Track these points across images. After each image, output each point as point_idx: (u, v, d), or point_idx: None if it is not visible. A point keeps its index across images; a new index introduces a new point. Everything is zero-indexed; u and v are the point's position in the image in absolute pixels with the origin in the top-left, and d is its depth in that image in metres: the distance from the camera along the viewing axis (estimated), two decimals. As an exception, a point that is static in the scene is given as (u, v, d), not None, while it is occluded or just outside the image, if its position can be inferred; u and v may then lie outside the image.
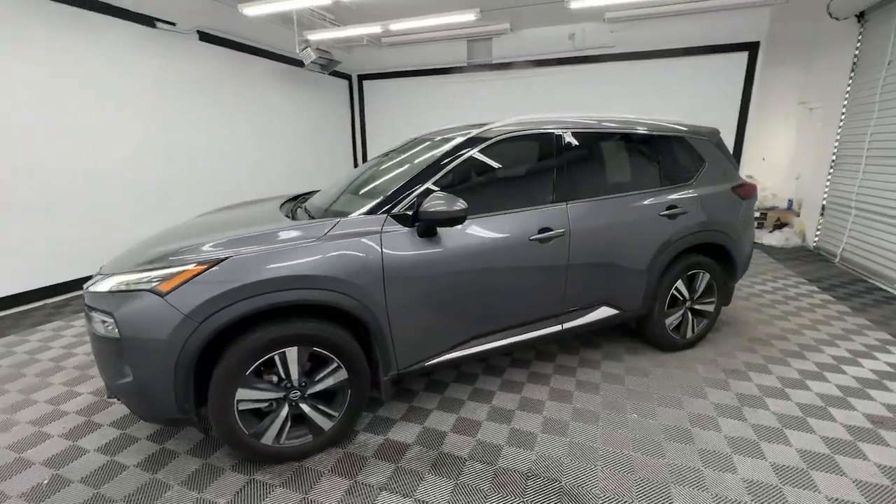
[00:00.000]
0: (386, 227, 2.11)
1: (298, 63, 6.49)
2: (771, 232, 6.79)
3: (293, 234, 1.99)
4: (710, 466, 2.03)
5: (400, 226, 2.14)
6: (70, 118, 4.27)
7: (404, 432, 2.31)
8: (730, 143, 6.71)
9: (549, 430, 2.30)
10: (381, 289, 2.06)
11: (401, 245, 2.11)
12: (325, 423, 2.11)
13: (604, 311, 2.76)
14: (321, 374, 2.05)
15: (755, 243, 6.61)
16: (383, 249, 2.06)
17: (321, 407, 2.10)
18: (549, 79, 7.51)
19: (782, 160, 7.36)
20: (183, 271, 1.80)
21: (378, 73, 8.62)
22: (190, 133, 5.51)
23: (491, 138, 2.42)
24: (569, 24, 7.11)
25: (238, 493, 1.91)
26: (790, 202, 7.03)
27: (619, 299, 2.79)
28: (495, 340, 2.46)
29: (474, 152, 2.37)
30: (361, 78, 8.80)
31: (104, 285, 1.87)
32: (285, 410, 2.02)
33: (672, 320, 3.02)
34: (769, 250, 6.28)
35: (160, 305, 1.76)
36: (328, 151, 8.33)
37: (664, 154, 2.92)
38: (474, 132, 2.45)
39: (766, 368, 2.89)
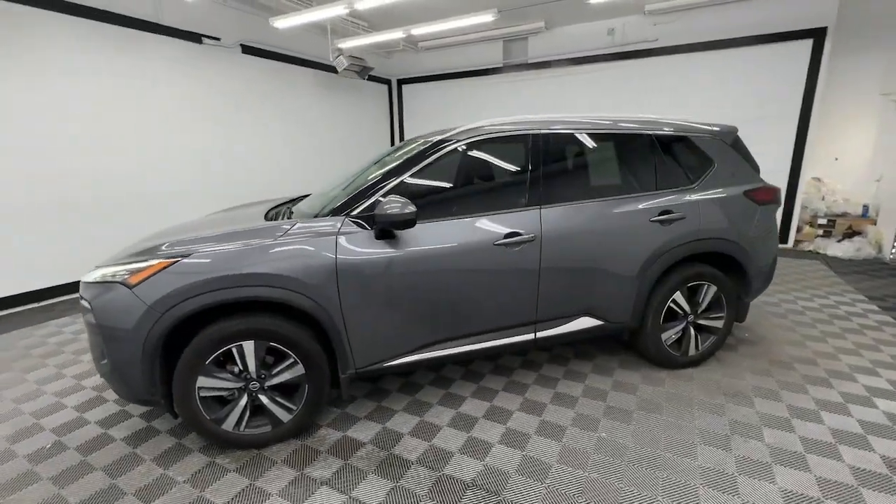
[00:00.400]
0: (343, 228, 2.17)
1: (336, 70, 6.79)
2: (839, 241, 5.99)
3: (253, 234, 2.11)
4: (671, 497, 1.85)
5: (358, 228, 2.19)
6: (129, 131, 4.81)
7: (364, 430, 2.35)
8: (790, 140, 6.03)
9: (507, 442, 2.23)
10: (335, 289, 2.12)
11: (357, 247, 2.15)
12: (284, 416, 2.21)
13: (585, 322, 2.62)
14: (278, 368, 2.16)
15: (815, 253, 5.90)
16: (338, 251, 2.12)
17: (279, 399, 2.20)
18: (587, 77, 7.21)
19: (859, 160, 6.47)
20: (149, 266, 1.98)
21: (416, 77, 8.78)
22: (232, 140, 5.98)
23: (459, 141, 2.40)
24: (607, 19, 6.79)
25: (196, 473, 2.06)
26: (865, 208, 6.16)
27: (603, 310, 2.63)
28: (461, 345, 2.42)
29: (440, 155, 2.36)
30: (401, 82, 9.02)
31: (92, 276, 2.11)
32: (244, 400, 2.15)
33: (670, 335, 2.79)
34: (832, 261, 5.56)
35: (128, 296, 1.95)
36: (366, 155, 8.61)
37: (661, 155, 2.71)
38: (439, 136, 2.44)
39: (776, 395, 2.58)
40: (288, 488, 1.95)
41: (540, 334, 2.54)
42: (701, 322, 2.84)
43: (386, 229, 2.16)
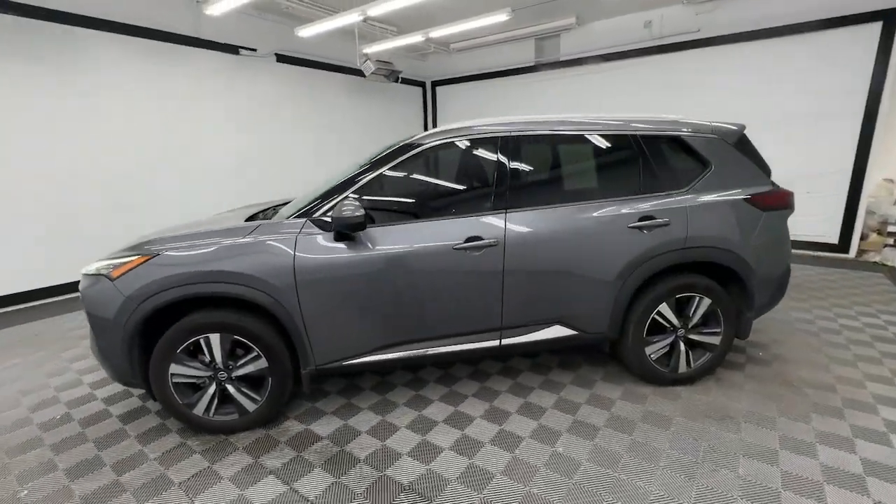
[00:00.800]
0: (304, 230, 2.26)
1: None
2: (914, 252, 5.23)
3: (224, 234, 2.26)
4: (608, 522, 1.74)
5: (319, 230, 2.27)
6: (179, 135, 5.31)
7: (326, 425, 2.43)
8: (853, 137, 5.35)
9: (458, 448, 2.20)
10: (294, 288, 2.21)
11: (316, 248, 2.23)
12: (250, 405, 2.34)
13: (557, 331, 2.52)
14: (243, 360, 2.29)
15: (881, 265, 5.21)
16: (296, 252, 2.21)
17: (245, 390, 2.33)
18: (621, 72, 6.87)
19: (944, 159, 5.60)
20: (129, 261, 2.19)
21: (450, 79, 8.83)
22: (265, 144, 6.38)
23: (423, 145, 2.40)
24: (644, 11, 6.42)
25: (167, 452, 2.25)
26: (950, 214, 5.32)
27: (577, 319, 2.51)
28: (422, 349, 2.42)
29: (404, 159, 2.38)
30: (435, 84, 9.11)
31: (88, 269, 2.36)
32: (213, 388, 2.30)
33: (656, 349, 2.60)
34: (899, 276, 4.86)
35: (110, 288, 2.16)
36: (399, 156, 8.78)
37: (647, 157, 2.53)
38: (407, 139, 2.45)
39: (771, 423, 2.32)
40: (239, 474, 2.07)
41: (505, 341, 2.48)
42: (693, 337, 2.63)
43: (343, 231, 2.22)
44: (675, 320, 2.58)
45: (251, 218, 2.68)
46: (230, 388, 2.32)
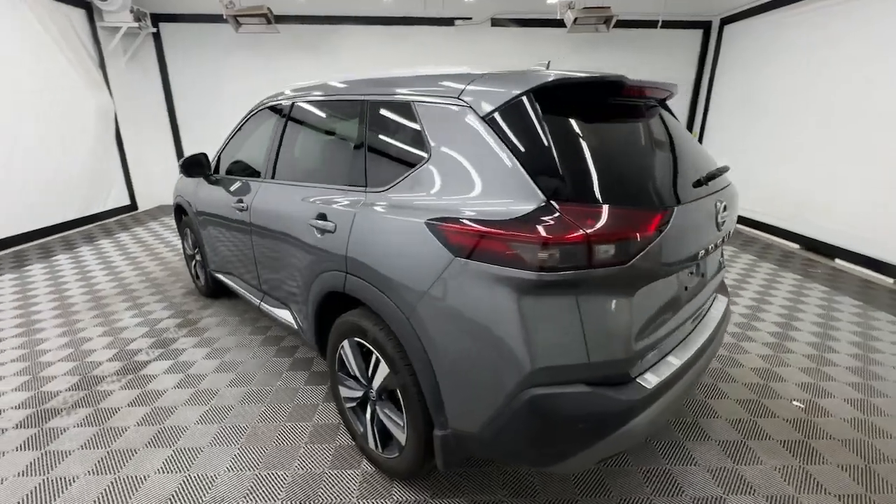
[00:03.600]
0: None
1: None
2: None
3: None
4: None
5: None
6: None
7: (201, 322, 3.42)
8: None
9: (197, 396, 2.52)
10: (196, 214, 3.22)
11: (203, 186, 3.11)
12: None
13: (286, 315, 2.35)
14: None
15: None
16: (198, 187, 3.17)
17: (197, 270, 3.65)
18: None
19: None
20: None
21: (744, 11, 6.10)
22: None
23: (252, 112, 2.67)
24: None
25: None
26: None
27: (297, 312, 2.24)
28: (235, 283, 2.93)
29: (241, 123, 2.77)
30: (724, 22, 6.51)
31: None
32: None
33: (348, 396, 1.93)
34: None
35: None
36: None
37: (366, 132, 1.74)
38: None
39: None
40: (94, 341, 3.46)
41: (263, 305, 2.57)
42: (378, 412, 1.75)
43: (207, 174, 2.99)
44: (356, 371, 1.82)
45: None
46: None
